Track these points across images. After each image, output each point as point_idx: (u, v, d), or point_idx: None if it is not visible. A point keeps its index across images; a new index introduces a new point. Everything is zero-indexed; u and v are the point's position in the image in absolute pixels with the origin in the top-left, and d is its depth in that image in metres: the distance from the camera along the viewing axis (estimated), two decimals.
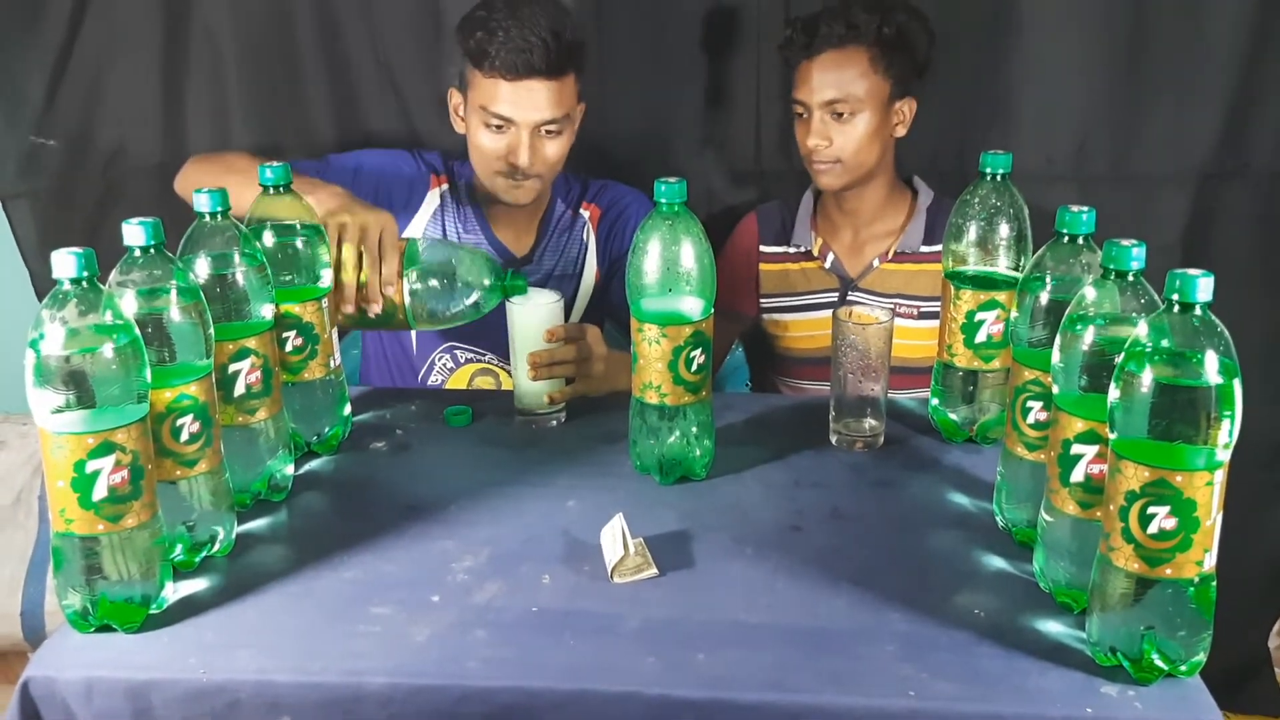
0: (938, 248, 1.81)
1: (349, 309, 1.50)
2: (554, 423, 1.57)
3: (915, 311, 1.90)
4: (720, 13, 2.06)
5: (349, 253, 1.49)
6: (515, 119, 1.77)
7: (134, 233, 1.10)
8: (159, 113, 2.14)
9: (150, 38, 2.10)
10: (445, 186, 1.96)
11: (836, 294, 1.96)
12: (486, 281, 1.55)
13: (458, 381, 1.95)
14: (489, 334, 1.92)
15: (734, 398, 1.90)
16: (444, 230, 1.94)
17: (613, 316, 1.99)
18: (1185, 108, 1.98)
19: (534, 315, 1.54)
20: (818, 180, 1.90)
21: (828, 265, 1.97)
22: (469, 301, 1.56)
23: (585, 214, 1.97)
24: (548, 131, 1.79)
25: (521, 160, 1.78)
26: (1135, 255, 1.03)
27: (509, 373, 1.88)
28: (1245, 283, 2.00)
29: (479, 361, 1.95)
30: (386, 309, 1.51)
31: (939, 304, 1.45)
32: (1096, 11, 1.97)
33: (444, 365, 1.96)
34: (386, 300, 1.51)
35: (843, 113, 1.83)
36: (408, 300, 1.52)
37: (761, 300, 2.02)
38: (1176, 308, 0.93)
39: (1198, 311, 0.93)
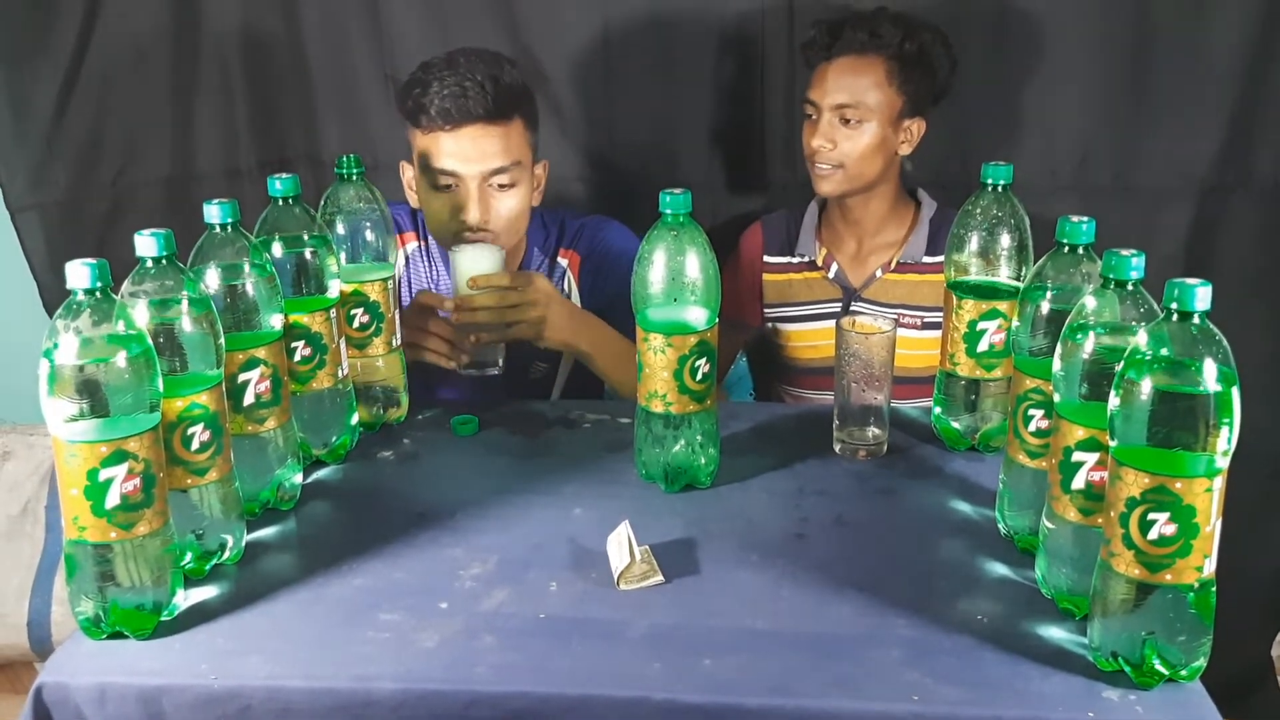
0: (940, 258, 1.83)
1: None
2: (492, 371, 1.63)
3: (918, 322, 1.91)
4: (727, 27, 2.07)
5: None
6: (460, 171, 1.68)
7: (146, 244, 1.11)
8: (167, 126, 2.16)
9: (159, 51, 2.12)
10: (415, 244, 1.88)
11: (840, 304, 1.97)
12: None
13: None
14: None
15: (738, 406, 1.91)
16: (414, 288, 1.86)
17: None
18: (1187, 120, 1.99)
19: (469, 263, 1.61)
20: (817, 186, 1.91)
21: (831, 275, 1.98)
22: None
23: (564, 262, 1.89)
24: (500, 185, 1.70)
25: (470, 216, 1.69)
26: (1134, 265, 1.04)
27: None
28: (1247, 294, 2.01)
29: None
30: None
31: (941, 314, 1.46)
32: (1100, 25, 1.98)
33: None
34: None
35: (850, 119, 1.85)
36: None
37: (765, 310, 2.04)
38: (1175, 316, 0.94)
39: (1196, 320, 0.94)
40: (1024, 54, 2.01)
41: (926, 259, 1.92)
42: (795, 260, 2.01)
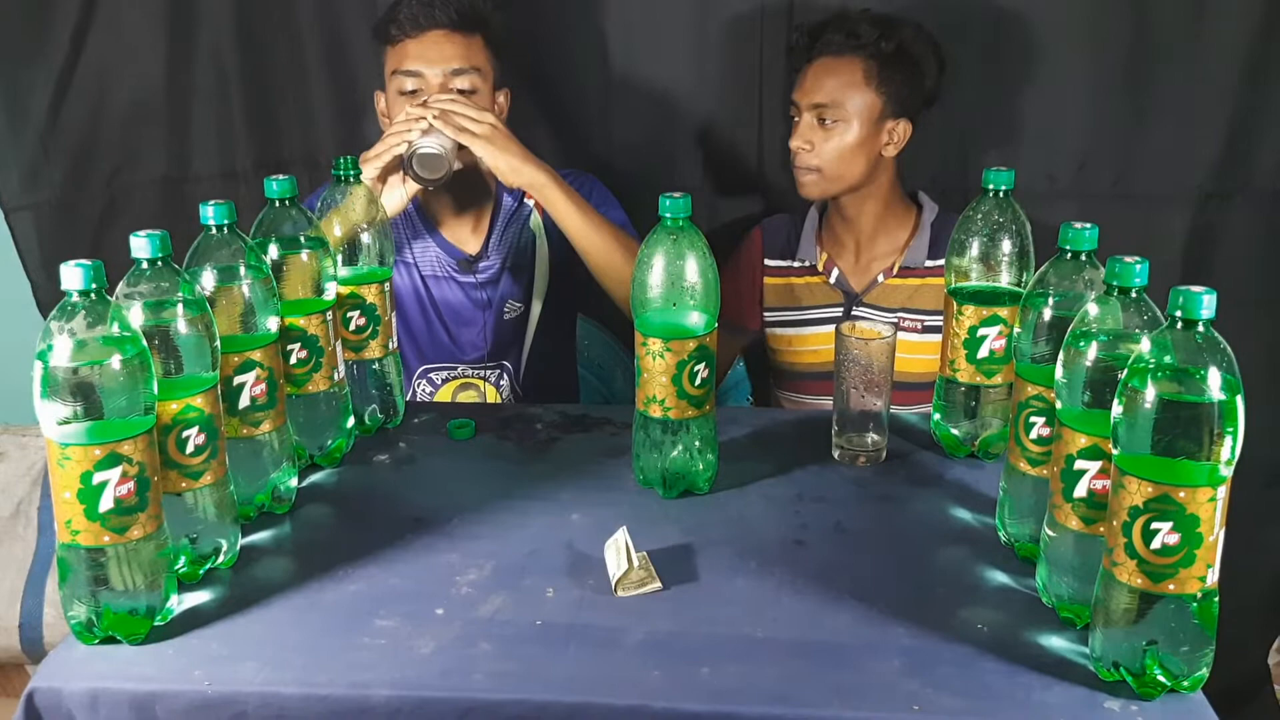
0: (942, 263, 1.82)
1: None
2: (438, 175, 1.71)
3: (919, 326, 1.90)
4: (724, 28, 2.07)
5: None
6: (423, 71, 1.82)
7: (141, 245, 1.10)
8: (163, 126, 2.15)
9: (155, 51, 2.11)
10: None
11: (840, 309, 1.96)
12: None
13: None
14: (457, 350, 1.96)
15: (737, 411, 1.90)
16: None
17: (583, 305, 2.04)
18: (1186, 126, 1.99)
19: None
20: (800, 188, 1.91)
21: (832, 280, 1.97)
22: None
23: (530, 202, 1.97)
24: (461, 90, 1.82)
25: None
26: (1138, 272, 1.03)
27: (488, 381, 1.96)
28: (1246, 300, 2.01)
29: (456, 378, 1.96)
30: None
31: (941, 319, 1.45)
32: (1099, 31, 1.98)
33: (424, 391, 1.97)
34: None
35: (827, 119, 1.85)
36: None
37: (765, 314, 2.03)
38: (1180, 324, 0.93)
39: (1200, 328, 0.93)
40: (1023, 59, 2.01)
41: (928, 263, 1.92)
42: (796, 265, 2.00)
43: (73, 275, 1.01)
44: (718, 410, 1.37)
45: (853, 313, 1.95)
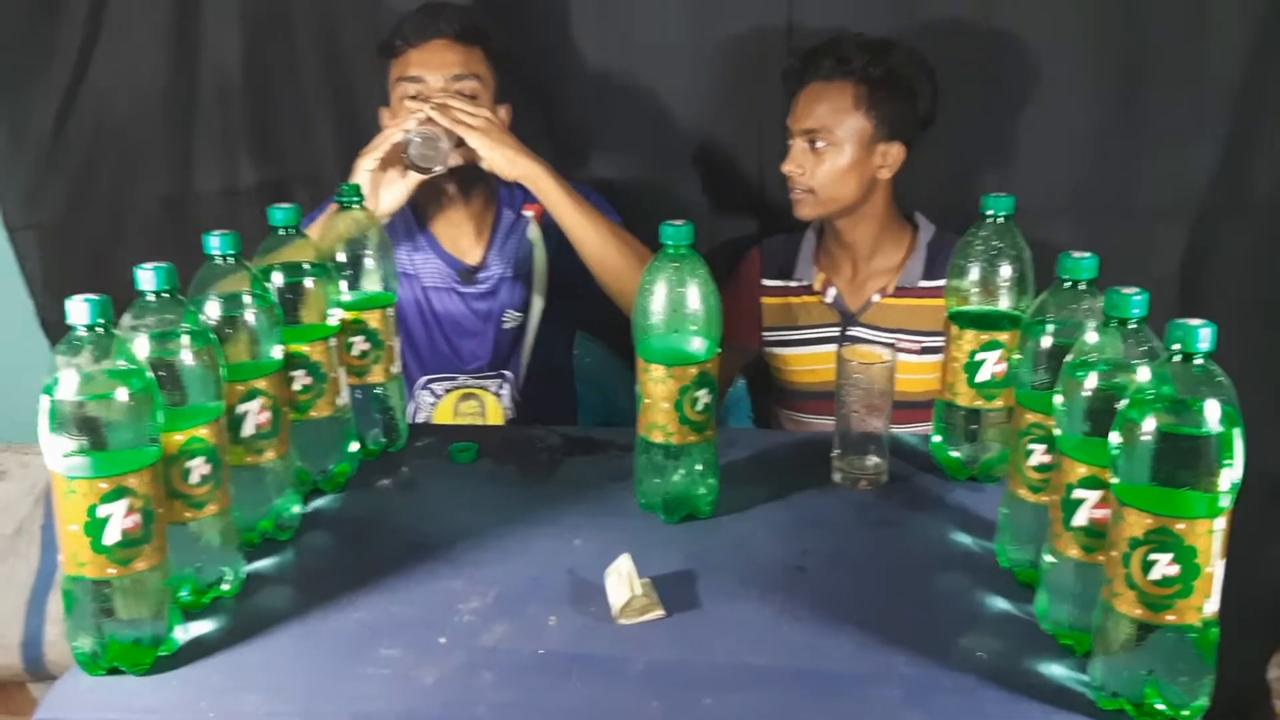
0: (938, 283, 1.83)
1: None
2: (435, 169, 1.79)
3: (916, 347, 1.91)
4: (724, 48, 2.08)
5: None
6: (425, 76, 1.87)
7: (147, 278, 1.11)
8: (166, 146, 2.16)
9: (158, 71, 2.12)
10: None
11: (837, 329, 1.97)
12: None
13: (444, 412, 1.99)
14: (458, 360, 1.97)
15: (738, 434, 1.91)
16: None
17: (582, 314, 2.06)
18: (1185, 143, 2.00)
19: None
20: (794, 210, 1.93)
21: (829, 300, 1.98)
22: None
23: (529, 214, 2.01)
24: (460, 94, 1.86)
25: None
26: (1137, 303, 1.04)
27: (489, 391, 1.99)
28: (1243, 315, 2.01)
29: (457, 388, 1.98)
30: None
31: (939, 339, 1.45)
32: (1097, 47, 1.99)
33: (426, 401, 1.99)
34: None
35: (817, 142, 1.86)
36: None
37: (763, 334, 2.04)
38: (1178, 357, 0.94)
39: (1199, 361, 0.94)
40: (1020, 77, 2.02)
41: (924, 283, 1.92)
42: (793, 285, 2.01)
43: (79, 310, 1.01)
44: (718, 432, 1.37)
45: (849, 333, 1.95)
